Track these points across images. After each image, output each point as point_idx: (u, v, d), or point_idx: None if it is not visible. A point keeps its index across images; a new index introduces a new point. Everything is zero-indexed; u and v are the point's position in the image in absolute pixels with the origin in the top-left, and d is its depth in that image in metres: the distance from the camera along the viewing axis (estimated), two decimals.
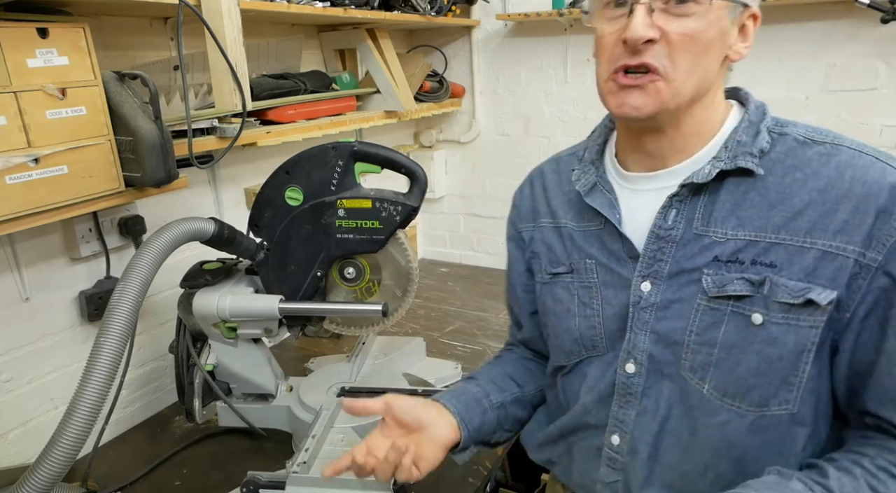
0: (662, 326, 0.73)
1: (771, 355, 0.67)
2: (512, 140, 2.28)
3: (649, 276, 0.74)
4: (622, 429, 0.78)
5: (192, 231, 1.05)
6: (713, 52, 0.68)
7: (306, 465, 1.03)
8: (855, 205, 0.65)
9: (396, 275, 1.20)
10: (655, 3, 0.65)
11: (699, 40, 0.66)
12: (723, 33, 0.68)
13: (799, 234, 0.66)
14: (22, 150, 0.93)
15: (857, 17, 1.66)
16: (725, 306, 0.69)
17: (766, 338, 0.67)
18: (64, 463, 0.82)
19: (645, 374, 0.75)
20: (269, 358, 1.28)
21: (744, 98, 0.77)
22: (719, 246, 0.70)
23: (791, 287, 0.65)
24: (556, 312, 0.85)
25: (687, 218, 0.72)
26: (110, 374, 0.85)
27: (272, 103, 1.43)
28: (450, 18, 2.00)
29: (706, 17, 0.65)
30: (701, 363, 0.71)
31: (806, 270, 0.66)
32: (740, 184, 0.70)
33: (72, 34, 0.98)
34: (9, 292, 1.17)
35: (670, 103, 0.68)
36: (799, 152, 0.70)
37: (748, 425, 0.70)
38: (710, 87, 0.70)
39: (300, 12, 1.43)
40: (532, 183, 0.92)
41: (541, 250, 0.88)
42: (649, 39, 0.65)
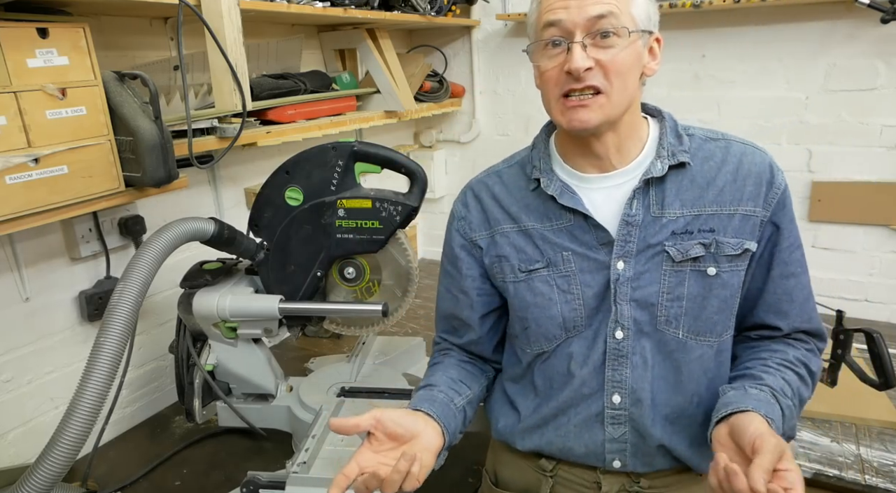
0: (638, 294, 0.89)
1: (725, 295, 0.89)
2: (512, 140, 2.28)
3: (622, 255, 0.89)
4: (621, 387, 0.91)
5: (192, 231, 1.05)
6: (634, 72, 0.85)
7: (306, 465, 1.03)
8: (754, 180, 0.88)
9: (396, 275, 1.20)
10: (586, 41, 0.82)
11: (624, 63, 0.83)
12: (639, 56, 0.85)
13: (725, 205, 0.88)
14: (22, 150, 0.93)
15: (857, 17, 1.66)
16: (686, 267, 0.88)
17: (720, 283, 0.88)
18: (64, 463, 0.82)
19: (631, 336, 0.90)
20: (269, 358, 1.28)
21: (654, 111, 0.96)
22: (673, 223, 0.88)
23: (732, 243, 0.87)
24: (538, 303, 0.94)
25: (644, 205, 0.89)
26: (110, 374, 0.85)
27: (272, 103, 1.43)
28: (450, 18, 2.00)
29: (626, 47, 0.82)
30: (674, 315, 0.89)
31: (735, 229, 0.88)
32: (678, 174, 0.90)
33: (72, 34, 0.98)
34: (9, 292, 1.17)
35: (612, 114, 0.85)
36: (706, 147, 0.92)
37: (715, 352, 0.91)
38: (634, 97, 0.88)
39: (300, 12, 1.43)
40: (477, 195, 1.01)
41: (506, 252, 0.96)
42: (588, 68, 0.82)
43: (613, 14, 0.81)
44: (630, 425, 0.91)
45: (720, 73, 1.87)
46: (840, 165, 1.81)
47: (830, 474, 1.16)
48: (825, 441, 1.25)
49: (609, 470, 0.94)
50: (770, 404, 0.82)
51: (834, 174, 1.82)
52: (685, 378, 0.90)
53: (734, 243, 0.87)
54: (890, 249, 1.79)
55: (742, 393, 0.84)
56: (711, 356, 0.91)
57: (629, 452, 0.92)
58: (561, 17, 0.82)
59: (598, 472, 0.95)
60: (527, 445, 0.99)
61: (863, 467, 1.17)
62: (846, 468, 1.17)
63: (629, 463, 0.92)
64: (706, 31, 1.86)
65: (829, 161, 1.82)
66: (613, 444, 0.92)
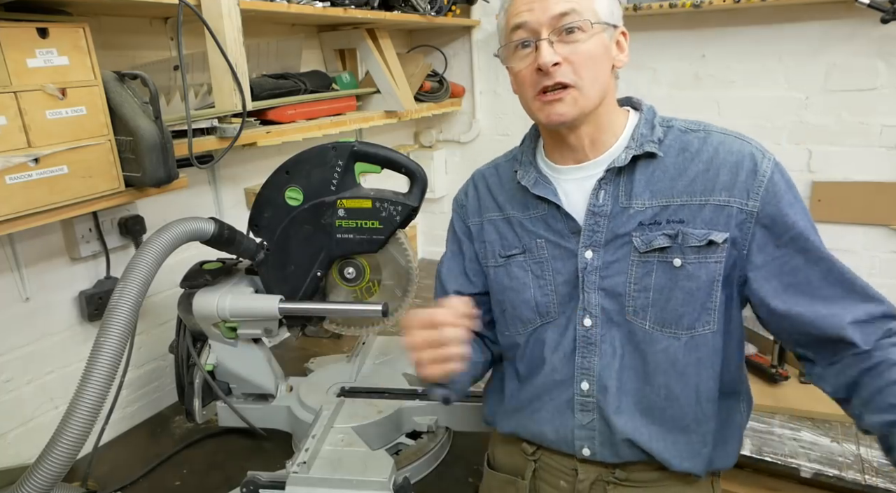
0: (607, 283, 0.91)
1: (691, 287, 0.87)
2: (512, 140, 2.24)
3: (590, 245, 0.92)
4: (589, 375, 0.93)
5: (192, 231, 1.05)
6: (604, 63, 0.88)
7: (306, 465, 1.03)
8: (729, 169, 0.87)
9: (396, 275, 1.20)
10: (553, 37, 0.85)
11: (591, 56, 0.86)
12: (606, 48, 0.88)
13: (696, 195, 0.88)
14: (22, 150, 0.93)
15: (857, 16, 1.66)
16: (653, 258, 0.88)
17: (685, 275, 0.87)
18: (64, 463, 0.82)
19: (600, 325, 0.92)
20: (269, 358, 1.28)
21: (637, 103, 0.98)
22: (641, 214, 0.89)
23: (697, 234, 0.86)
24: (514, 287, 0.99)
25: (613, 196, 0.91)
26: (110, 374, 0.85)
27: (272, 103, 1.43)
28: (450, 18, 2.00)
29: (590, 40, 0.85)
30: (641, 306, 0.90)
31: (705, 220, 0.87)
32: (648, 165, 0.90)
33: (72, 34, 0.98)
34: (9, 292, 1.17)
35: (586, 106, 0.87)
36: (683, 138, 0.91)
37: (683, 345, 0.89)
38: (608, 89, 0.90)
39: (300, 12, 1.43)
40: (476, 185, 1.08)
41: (492, 238, 1.02)
42: (556, 63, 0.84)
43: (576, 10, 0.84)
44: (598, 413, 0.93)
45: (720, 73, 1.87)
46: (840, 165, 1.80)
47: (830, 474, 1.16)
48: (825, 441, 1.25)
49: (584, 459, 0.95)
50: None
51: (834, 174, 1.82)
52: (651, 369, 0.91)
53: (700, 235, 0.86)
54: (890, 249, 1.79)
55: None
56: (679, 349, 0.89)
57: (597, 440, 0.93)
58: (526, 18, 0.86)
59: (574, 460, 0.96)
60: (505, 428, 1.03)
61: (863, 467, 1.17)
62: (846, 468, 1.17)
63: (598, 452, 0.93)
64: (706, 31, 1.86)
65: (829, 161, 1.82)
66: (582, 431, 0.94)
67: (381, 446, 1.17)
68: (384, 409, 1.20)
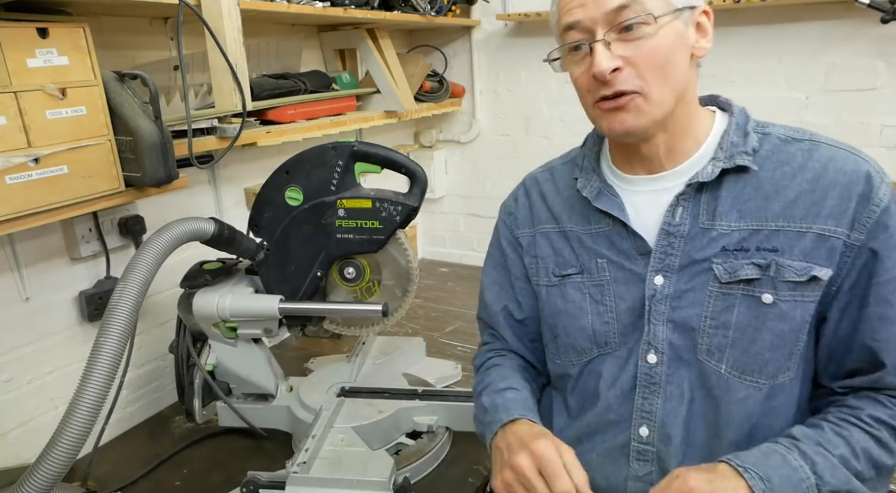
0: (678, 315, 0.78)
1: (782, 329, 0.74)
2: (512, 140, 2.28)
3: (661, 270, 0.79)
4: (650, 419, 0.80)
5: (192, 231, 1.05)
6: (677, 58, 0.74)
7: (306, 465, 1.03)
8: (840, 192, 0.73)
9: (396, 275, 1.20)
10: (609, 37, 0.73)
11: (659, 54, 0.73)
12: (679, 38, 0.74)
13: (795, 220, 0.74)
14: (22, 150, 0.93)
15: (857, 16, 1.66)
16: (737, 290, 0.75)
17: (777, 315, 0.74)
18: (64, 463, 0.82)
19: (667, 362, 0.79)
20: (269, 358, 1.28)
21: (724, 104, 0.85)
22: (725, 237, 0.76)
23: (796, 267, 0.73)
24: (568, 311, 0.87)
25: (692, 214, 0.78)
26: (110, 374, 0.85)
27: (272, 103, 1.43)
28: (450, 18, 2.00)
29: (657, 33, 0.72)
30: (717, 346, 0.76)
31: (805, 251, 0.73)
32: (738, 180, 0.77)
33: (72, 34, 0.98)
34: (9, 292, 1.17)
35: (656, 115, 0.75)
36: (784, 149, 0.78)
37: (763, 397, 0.76)
38: (685, 86, 0.77)
39: (300, 12, 1.43)
40: (528, 191, 0.97)
41: (545, 253, 0.91)
42: (615, 69, 0.73)
43: (636, 1, 0.71)
44: (657, 465, 0.80)
45: (720, 72, 1.87)
46: None
47: None
48: None
49: None
50: (772, 457, 0.69)
51: None
52: (724, 421, 0.77)
53: (799, 268, 0.73)
54: None
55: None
56: (759, 401, 0.76)
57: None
58: (578, 16, 0.74)
59: None
60: None
61: None
62: None
63: None
64: None
65: None
66: (637, 483, 0.82)
67: (381, 446, 1.17)
68: (384, 409, 1.20)
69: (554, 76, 2.10)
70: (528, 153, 2.24)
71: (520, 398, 0.88)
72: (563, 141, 2.14)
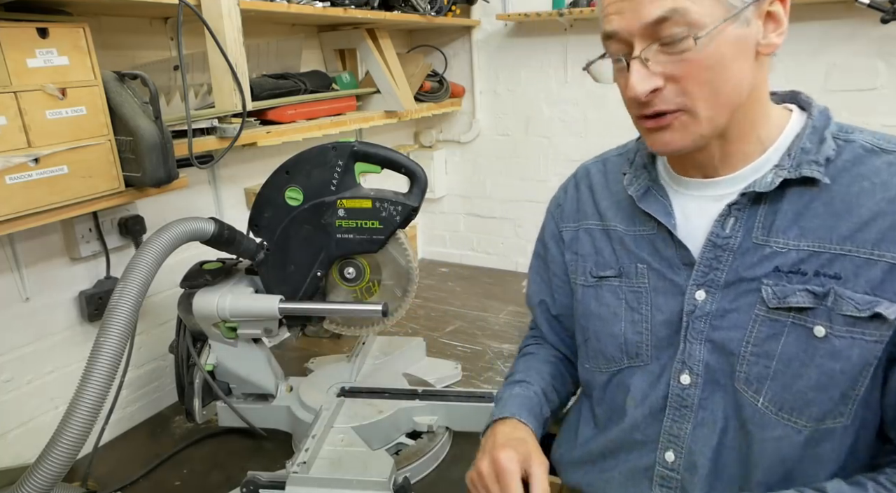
0: (718, 335, 0.71)
1: (833, 369, 0.65)
2: (512, 140, 2.28)
3: (704, 284, 0.72)
4: (677, 444, 0.74)
5: (192, 231, 1.05)
6: (733, 68, 0.65)
7: (306, 465, 1.03)
8: None
9: (396, 275, 1.20)
10: (648, 53, 0.64)
11: (708, 69, 0.64)
12: (736, 45, 0.64)
13: (866, 245, 0.64)
14: (22, 150, 0.93)
15: (857, 16, 1.66)
16: (786, 317, 0.67)
17: (829, 351, 0.65)
18: (64, 463, 0.82)
19: (701, 385, 0.73)
20: (269, 358, 1.28)
21: (805, 103, 0.75)
22: (780, 256, 0.68)
23: (857, 300, 0.63)
24: (601, 315, 0.82)
25: (746, 227, 0.71)
26: (110, 374, 0.85)
27: (272, 103, 1.43)
28: (450, 18, 2.00)
29: (708, 45, 0.63)
30: (757, 376, 0.69)
31: (873, 282, 0.63)
32: (804, 193, 0.68)
33: (72, 34, 0.97)
34: (9, 292, 1.17)
35: (704, 132, 0.67)
36: (867, 161, 0.67)
37: (803, 441, 0.68)
38: (747, 91, 0.67)
39: (300, 12, 1.43)
40: (577, 183, 0.91)
41: (586, 251, 0.86)
42: (654, 89, 0.65)
43: (678, 11, 0.61)
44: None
45: None
46: None
47: None
48: None
49: None
50: None
51: None
52: (755, 459, 0.70)
53: (860, 301, 0.63)
54: None
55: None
56: (797, 444, 0.68)
57: None
58: (615, 27, 0.66)
59: None
60: (571, 478, 0.88)
61: None
62: None
63: None
64: None
65: None
66: None
67: (381, 446, 1.17)
68: (384, 409, 1.20)
69: (554, 76, 2.10)
70: (528, 153, 2.24)
71: (523, 395, 0.86)
72: (563, 141, 2.14)
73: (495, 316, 1.90)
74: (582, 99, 2.06)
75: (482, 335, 1.77)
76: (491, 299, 2.05)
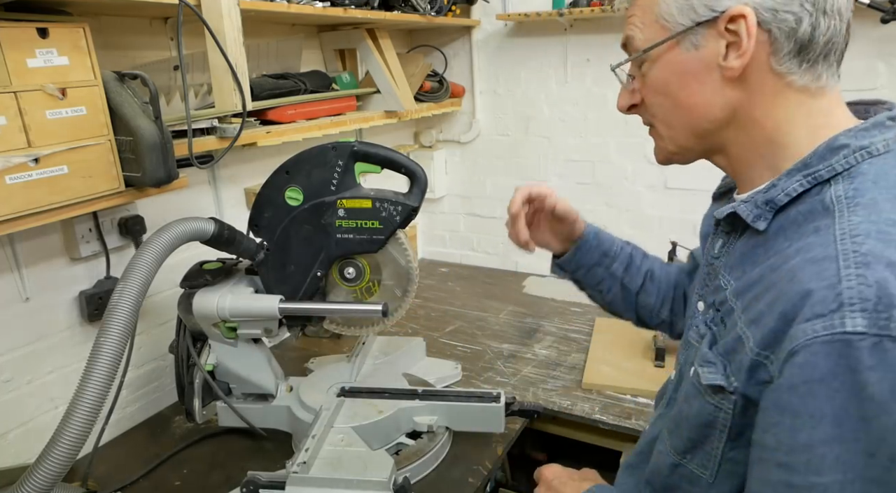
0: (691, 349, 0.70)
1: (682, 410, 0.66)
2: (512, 140, 2.28)
3: (703, 296, 0.72)
4: (649, 423, 0.82)
5: (192, 231, 1.05)
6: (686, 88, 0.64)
7: (306, 465, 1.03)
8: (773, 297, 0.54)
9: (396, 275, 1.20)
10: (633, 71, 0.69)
11: (656, 90, 0.66)
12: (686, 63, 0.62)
13: (741, 307, 0.59)
14: (22, 150, 0.93)
15: (857, 17, 1.65)
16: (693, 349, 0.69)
17: (686, 393, 0.66)
18: (64, 463, 0.82)
19: (675, 385, 0.75)
20: (269, 358, 1.28)
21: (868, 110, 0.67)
22: (720, 292, 0.65)
23: (702, 355, 0.62)
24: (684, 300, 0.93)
25: (727, 251, 0.69)
26: (110, 374, 0.85)
27: (272, 103, 1.43)
28: (450, 18, 2.00)
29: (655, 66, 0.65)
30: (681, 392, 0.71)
31: (727, 346, 0.59)
32: (755, 234, 0.63)
33: (72, 34, 0.97)
34: (9, 292, 1.17)
35: (671, 148, 0.70)
36: (812, 218, 0.57)
37: (670, 465, 0.69)
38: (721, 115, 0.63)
39: (300, 12, 1.43)
40: None
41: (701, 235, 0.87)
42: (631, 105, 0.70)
43: (630, 38, 0.66)
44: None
45: None
46: None
47: None
48: None
49: None
50: None
51: None
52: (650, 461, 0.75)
53: (701, 357, 0.62)
54: None
55: None
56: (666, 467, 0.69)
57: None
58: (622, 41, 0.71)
59: None
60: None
61: None
62: None
63: None
64: None
65: None
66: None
67: (381, 446, 1.17)
68: (384, 409, 1.20)
69: (554, 76, 2.10)
70: (528, 153, 2.24)
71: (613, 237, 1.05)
72: (563, 141, 2.14)
73: (495, 316, 1.90)
74: (582, 99, 2.07)
75: (482, 335, 1.77)
76: (491, 299, 2.05)
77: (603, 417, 1.35)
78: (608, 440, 1.39)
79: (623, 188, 2.09)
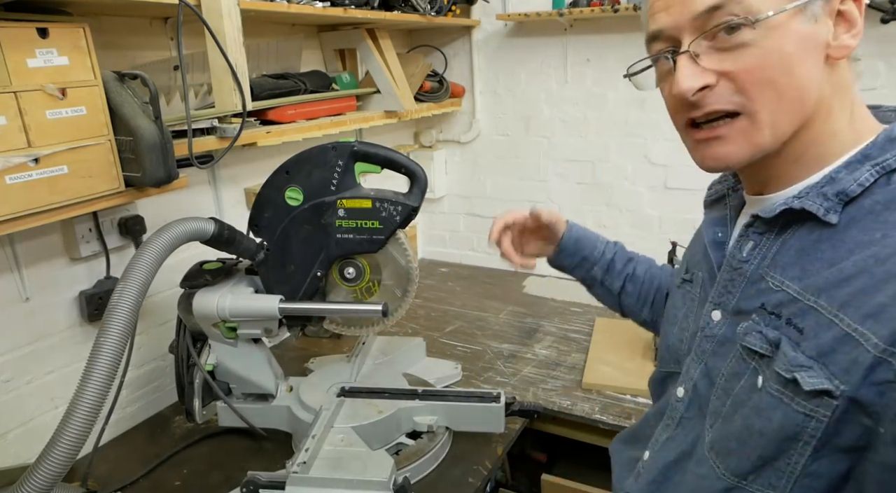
0: (712, 361, 0.67)
1: (753, 425, 0.59)
2: (512, 140, 2.28)
3: (720, 305, 0.67)
4: (653, 449, 0.76)
5: (192, 231, 1.05)
6: (800, 67, 0.56)
7: (306, 465, 1.03)
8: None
9: (396, 275, 1.20)
10: (699, 48, 0.57)
11: (768, 64, 0.55)
12: (804, 39, 0.56)
13: (834, 304, 0.54)
14: (22, 150, 0.93)
15: None
16: (751, 359, 0.62)
17: (755, 405, 0.59)
18: (64, 463, 0.82)
19: (687, 403, 0.71)
20: (269, 358, 1.28)
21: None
22: (770, 294, 0.61)
23: (790, 359, 0.56)
24: (668, 318, 0.82)
25: (762, 254, 0.64)
26: (110, 374, 0.85)
27: (272, 103, 1.43)
28: (450, 18, 2.00)
29: (767, 37, 0.55)
30: (714, 410, 0.65)
31: (821, 347, 0.54)
32: (815, 229, 0.59)
33: (72, 34, 0.97)
34: (9, 292, 1.17)
35: (766, 141, 0.58)
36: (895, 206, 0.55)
37: (721, 490, 0.63)
38: (814, 100, 0.58)
39: (300, 12, 1.43)
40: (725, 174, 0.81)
41: (688, 251, 0.83)
42: (703, 86, 0.58)
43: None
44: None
45: None
46: None
47: None
48: None
49: None
50: None
51: None
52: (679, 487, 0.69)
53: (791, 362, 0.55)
54: None
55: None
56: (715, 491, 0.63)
57: None
58: (662, 24, 0.60)
59: None
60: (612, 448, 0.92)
61: None
62: None
63: None
64: None
65: None
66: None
67: (381, 446, 1.17)
68: (384, 409, 1.20)
69: (554, 76, 2.10)
70: (528, 153, 2.24)
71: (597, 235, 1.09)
72: (563, 141, 2.14)
73: (495, 316, 1.90)
74: (582, 99, 2.06)
75: (482, 335, 1.77)
76: (491, 299, 2.05)
77: (603, 417, 1.35)
78: (608, 440, 1.39)
79: (623, 188, 2.09)
